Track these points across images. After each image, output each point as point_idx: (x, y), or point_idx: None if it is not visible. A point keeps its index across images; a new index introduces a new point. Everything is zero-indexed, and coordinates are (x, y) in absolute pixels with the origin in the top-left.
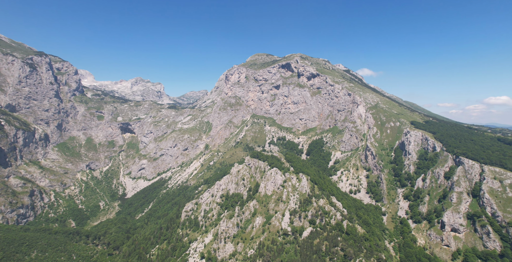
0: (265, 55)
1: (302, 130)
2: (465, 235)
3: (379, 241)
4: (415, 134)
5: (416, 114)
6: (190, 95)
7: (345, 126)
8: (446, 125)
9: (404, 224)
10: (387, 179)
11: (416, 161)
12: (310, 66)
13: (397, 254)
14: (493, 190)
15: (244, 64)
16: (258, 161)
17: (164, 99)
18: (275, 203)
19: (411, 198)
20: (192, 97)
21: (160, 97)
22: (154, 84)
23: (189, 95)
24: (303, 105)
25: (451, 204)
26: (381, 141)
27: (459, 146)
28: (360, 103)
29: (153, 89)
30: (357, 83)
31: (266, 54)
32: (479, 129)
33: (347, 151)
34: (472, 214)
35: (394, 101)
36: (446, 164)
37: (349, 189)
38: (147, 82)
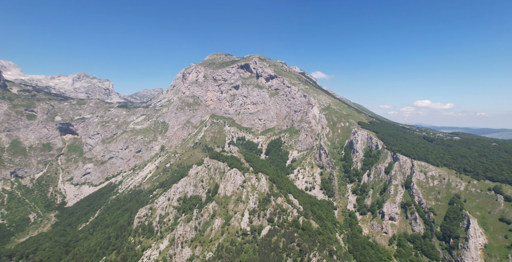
0: (223, 55)
1: (261, 130)
2: (399, 222)
3: (331, 234)
4: (362, 133)
5: (362, 115)
6: (144, 93)
7: (301, 127)
8: (386, 125)
9: (352, 216)
10: (338, 175)
11: (363, 158)
12: (268, 67)
13: (346, 245)
14: (420, 181)
15: (202, 63)
16: (217, 162)
17: (113, 97)
18: (235, 203)
19: (358, 192)
20: (146, 96)
21: (109, 95)
22: (101, 81)
23: (142, 94)
24: (262, 106)
25: (389, 196)
26: (333, 140)
27: (396, 144)
28: (314, 105)
29: (100, 87)
30: (311, 86)
31: (225, 54)
32: (410, 129)
33: (303, 150)
34: (405, 203)
35: (344, 103)
36: (386, 160)
37: (305, 186)
38: (92, 79)
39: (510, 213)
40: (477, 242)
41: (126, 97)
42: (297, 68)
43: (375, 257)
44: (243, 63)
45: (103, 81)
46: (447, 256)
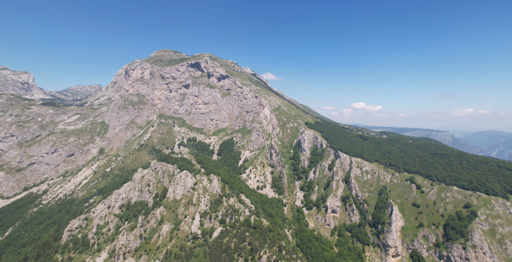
0: (172, 52)
1: (213, 130)
2: (340, 214)
3: (280, 230)
4: (308, 133)
5: (309, 116)
6: (77, 90)
7: (253, 127)
8: (329, 125)
9: (300, 212)
10: (288, 173)
11: (309, 156)
12: (220, 67)
13: (294, 239)
14: (357, 176)
15: (148, 60)
16: (166, 164)
17: (35, 93)
18: (185, 207)
19: (305, 189)
20: (80, 93)
21: (28, 90)
22: (16, 73)
23: (75, 90)
24: (214, 105)
25: (332, 191)
26: (283, 140)
27: (338, 143)
28: (265, 106)
29: (15, 80)
30: (262, 87)
31: (173, 51)
32: (349, 129)
33: (255, 150)
34: (344, 196)
35: (293, 104)
36: (330, 157)
37: (257, 185)
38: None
39: (419, 199)
40: (398, 225)
41: (53, 94)
42: (248, 69)
43: (319, 248)
44: (194, 62)
45: (19, 73)
46: (376, 240)
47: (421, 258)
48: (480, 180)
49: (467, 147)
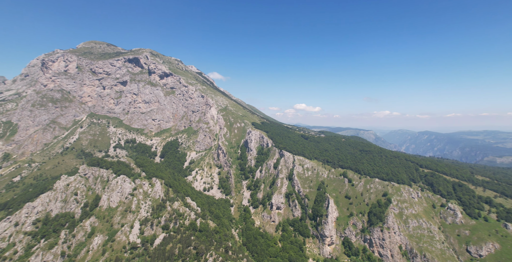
0: (105, 44)
1: (156, 131)
2: (284, 210)
3: (227, 231)
4: (255, 133)
5: (255, 116)
6: None
7: (200, 127)
8: (274, 125)
9: (247, 211)
10: (235, 173)
11: (256, 156)
12: (162, 64)
13: (240, 239)
14: (299, 173)
15: (74, 51)
16: (99, 169)
17: None
18: (122, 215)
19: (252, 188)
20: None
21: None
22: None
23: None
24: (156, 105)
25: (277, 188)
26: (231, 140)
27: (282, 142)
28: (212, 106)
29: None
30: (209, 86)
31: (106, 44)
32: (292, 128)
33: (201, 151)
34: (288, 193)
35: (240, 104)
36: (275, 156)
37: (203, 187)
38: None
39: (350, 191)
40: (333, 216)
41: None
42: (193, 67)
43: (265, 245)
44: (132, 57)
45: None
46: (315, 232)
47: (351, 244)
48: (394, 171)
49: (385, 144)
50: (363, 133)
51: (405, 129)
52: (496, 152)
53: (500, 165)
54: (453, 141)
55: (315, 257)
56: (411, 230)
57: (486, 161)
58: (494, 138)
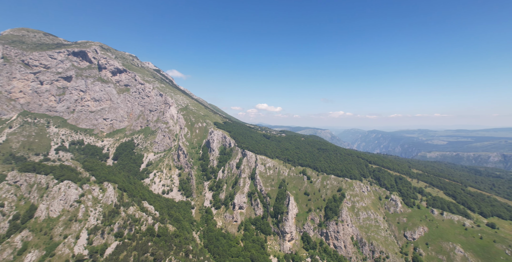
0: (41, 33)
1: (108, 131)
2: (246, 210)
3: (188, 234)
4: (217, 133)
5: (217, 116)
6: None
7: (158, 127)
8: (237, 125)
9: (209, 212)
10: (196, 174)
11: (218, 156)
12: (114, 60)
13: (202, 241)
14: (261, 172)
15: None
16: (35, 175)
17: None
18: (66, 225)
19: (214, 189)
20: None
21: None
22: None
23: None
24: (108, 103)
25: (239, 188)
26: (192, 140)
27: (245, 142)
28: (172, 105)
29: None
30: (168, 84)
31: (43, 33)
32: (254, 128)
33: (160, 152)
34: (250, 192)
35: (201, 104)
36: (237, 156)
37: (162, 189)
38: None
39: (309, 188)
40: (293, 213)
41: None
42: (150, 64)
43: (227, 245)
44: (78, 50)
45: None
46: (276, 229)
47: (309, 238)
48: (347, 168)
49: (339, 142)
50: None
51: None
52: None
53: (429, 159)
54: (395, 138)
55: (276, 254)
56: (362, 221)
57: (419, 156)
58: (425, 136)
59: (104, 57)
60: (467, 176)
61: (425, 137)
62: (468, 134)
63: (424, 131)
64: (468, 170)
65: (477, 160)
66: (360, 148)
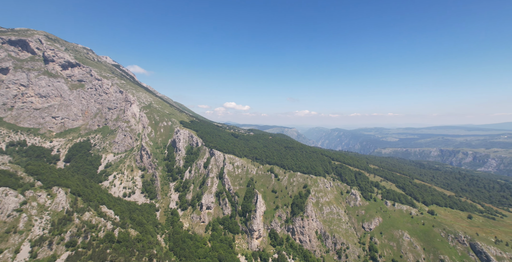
0: None
1: (58, 131)
2: (214, 210)
3: (151, 238)
4: (184, 132)
5: (184, 114)
6: None
7: (118, 126)
8: (204, 124)
9: (175, 214)
10: (161, 175)
11: (185, 156)
12: (65, 52)
13: (167, 244)
14: (229, 171)
15: None
16: None
17: None
18: (1, 238)
19: (180, 189)
20: None
21: None
22: None
23: None
24: (58, 100)
25: (207, 188)
26: (156, 140)
27: (212, 141)
28: (133, 102)
29: None
30: (129, 81)
31: None
32: (222, 127)
33: (121, 152)
34: (219, 192)
35: (166, 101)
36: (205, 156)
37: (124, 192)
38: None
39: (276, 185)
40: (261, 210)
41: None
42: (109, 58)
43: (193, 247)
44: (16, 38)
45: None
46: (244, 227)
47: (276, 235)
48: (312, 165)
49: (305, 140)
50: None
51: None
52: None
53: (384, 154)
54: (355, 136)
55: (244, 252)
56: (325, 215)
57: (376, 152)
58: (381, 134)
59: (51, 49)
60: (414, 169)
61: (381, 135)
62: (415, 132)
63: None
64: (414, 164)
65: (421, 154)
66: (324, 145)
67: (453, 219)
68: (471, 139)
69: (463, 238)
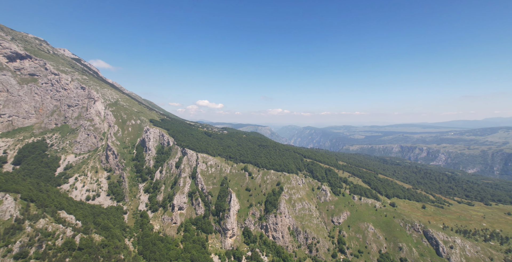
0: None
1: (5, 130)
2: (186, 210)
3: (118, 242)
4: (154, 131)
5: (154, 112)
6: None
7: (80, 125)
8: (176, 122)
9: (144, 216)
10: (130, 176)
11: (155, 156)
12: (11, 41)
13: (136, 248)
14: (202, 170)
15: None
16: None
17: None
18: None
19: (151, 190)
20: None
21: None
22: None
23: None
24: (4, 95)
25: (179, 188)
26: (123, 139)
27: (185, 140)
28: (98, 100)
29: None
30: (92, 77)
31: None
32: (195, 125)
33: (83, 153)
34: (191, 191)
35: (134, 99)
36: (177, 155)
37: (87, 195)
38: None
39: (250, 184)
40: (235, 209)
41: None
42: (67, 51)
43: (164, 249)
44: None
45: None
46: (217, 227)
47: (250, 232)
48: (285, 163)
49: (278, 138)
50: (261, 129)
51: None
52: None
53: (352, 151)
54: (325, 134)
55: (217, 252)
56: (297, 211)
57: (344, 149)
58: (349, 131)
59: None
60: (378, 165)
61: (349, 132)
62: (379, 129)
63: (348, 127)
64: (378, 160)
65: (385, 151)
66: (297, 143)
67: (410, 210)
68: (426, 136)
69: (418, 226)
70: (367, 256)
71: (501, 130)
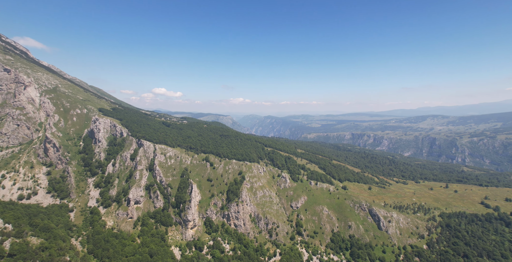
0: None
1: None
2: (144, 204)
3: (63, 243)
4: (104, 121)
5: (103, 101)
6: None
7: (7, 114)
8: (130, 112)
9: (95, 213)
10: (76, 171)
11: (107, 148)
12: None
13: (85, 247)
14: (161, 162)
15: None
16: None
17: None
18: None
19: (102, 185)
20: None
21: None
22: None
23: None
24: None
25: (135, 181)
26: (67, 130)
27: (140, 130)
28: (29, 85)
29: None
30: (20, 57)
31: None
32: (151, 115)
33: (12, 146)
34: (149, 184)
35: (79, 85)
36: (132, 147)
37: (20, 194)
38: None
39: (212, 174)
40: (196, 200)
41: None
42: None
43: (119, 245)
44: None
45: None
46: (178, 219)
47: (211, 222)
48: (247, 152)
49: (240, 127)
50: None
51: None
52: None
53: (309, 139)
54: (285, 123)
55: (177, 243)
56: (259, 199)
57: (302, 137)
58: (307, 120)
59: None
60: (332, 151)
61: (307, 121)
62: (334, 118)
63: (306, 116)
64: (333, 147)
65: (338, 138)
66: (258, 132)
67: (359, 191)
68: (373, 124)
69: (365, 205)
70: (322, 236)
71: (429, 118)
